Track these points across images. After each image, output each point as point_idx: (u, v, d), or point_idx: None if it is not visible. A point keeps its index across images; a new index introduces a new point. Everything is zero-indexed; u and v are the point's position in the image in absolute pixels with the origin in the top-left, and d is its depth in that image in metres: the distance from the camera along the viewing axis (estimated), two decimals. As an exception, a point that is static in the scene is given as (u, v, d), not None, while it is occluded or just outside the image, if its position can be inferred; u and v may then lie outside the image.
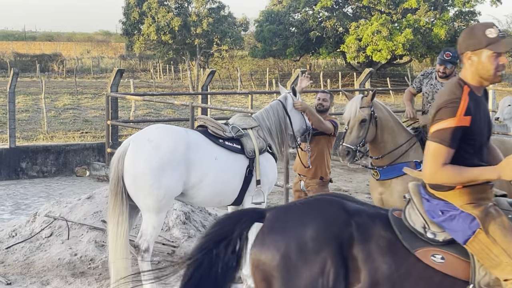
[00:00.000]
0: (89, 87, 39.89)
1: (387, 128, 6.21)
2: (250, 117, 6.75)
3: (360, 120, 6.07)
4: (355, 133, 6.07)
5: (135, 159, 5.95)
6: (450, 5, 42.61)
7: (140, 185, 5.91)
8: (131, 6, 44.04)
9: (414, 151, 6.32)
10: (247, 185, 6.43)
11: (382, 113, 6.23)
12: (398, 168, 6.15)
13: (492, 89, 18.40)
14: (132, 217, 6.30)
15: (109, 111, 13.24)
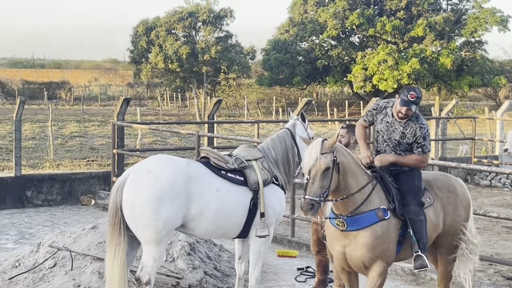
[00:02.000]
0: (96, 115, 40.01)
1: (350, 172, 5.68)
2: (255, 148, 6.67)
3: (324, 169, 5.45)
4: (318, 183, 5.43)
5: (134, 190, 5.91)
6: (457, 35, 42.73)
7: (139, 217, 5.85)
8: (139, 35, 44.32)
9: (377, 195, 5.82)
10: (252, 218, 6.33)
11: (344, 157, 5.66)
12: (366, 217, 5.71)
13: (500, 119, 18.34)
14: (134, 248, 6.23)
15: (115, 139, 13.20)
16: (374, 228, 5.70)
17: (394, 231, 5.84)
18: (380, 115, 6.08)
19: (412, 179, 6.01)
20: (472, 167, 9.26)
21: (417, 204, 5.89)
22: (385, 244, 5.77)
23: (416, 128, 5.94)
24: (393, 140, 6.04)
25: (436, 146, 17.34)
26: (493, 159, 17.48)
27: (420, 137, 5.95)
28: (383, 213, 5.75)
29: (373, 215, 5.72)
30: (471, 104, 50.27)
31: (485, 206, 13.40)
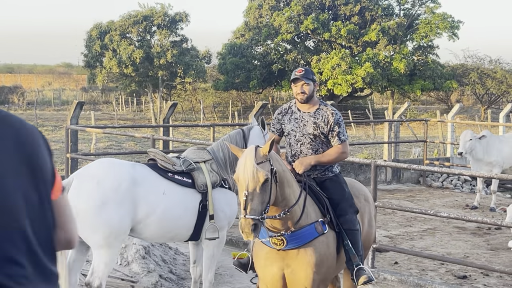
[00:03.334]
0: (50, 120, 39.45)
1: (286, 181, 4.90)
2: (204, 150, 6.64)
3: (263, 182, 4.61)
4: (259, 199, 4.59)
5: (78, 196, 5.85)
6: (409, 39, 43.36)
7: (84, 223, 5.79)
8: (92, 39, 43.83)
9: (312, 207, 5.16)
10: (202, 220, 6.31)
11: (279, 165, 4.89)
12: (307, 232, 4.99)
13: (451, 122, 18.70)
14: (82, 253, 6.16)
15: (68, 143, 13.07)
16: (316, 244, 5.01)
17: (333, 245, 5.19)
18: (287, 116, 5.56)
19: (342, 185, 5.47)
20: (423, 168, 9.42)
21: (354, 212, 5.41)
22: (328, 261, 5.10)
23: (327, 114, 5.40)
24: (307, 136, 5.42)
25: (389, 148, 17.59)
26: (445, 161, 17.80)
27: (334, 124, 5.37)
28: (322, 226, 5.09)
29: (312, 229, 5.01)
30: (424, 108, 51.05)
31: (437, 207, 13.64)
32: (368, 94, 46.06)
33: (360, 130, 35.72)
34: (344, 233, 5.26)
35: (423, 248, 10.20)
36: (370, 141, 27.75)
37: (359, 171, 16.49)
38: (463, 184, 16.80)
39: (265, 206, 4.64)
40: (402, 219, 12.44)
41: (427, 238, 10.96)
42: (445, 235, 11.23)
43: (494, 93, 46.26)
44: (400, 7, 44.41)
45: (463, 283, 8.37)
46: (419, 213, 10.28)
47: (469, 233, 11.42)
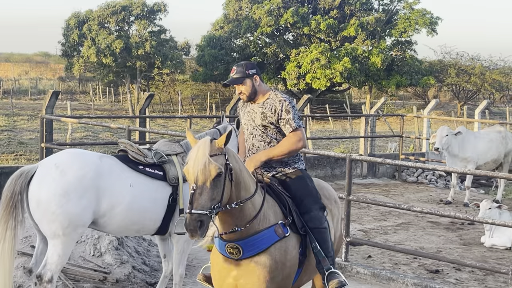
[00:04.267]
0: (26, 109, 39.08)
1: (242, 182, 4.49)
2: (177, 142, 6.58)
3: (215, 176, 4.24)
4: (208, 194, 4.22)
5: (40, 184, 5.80)
6: (387, 35, 43.50)
7: (44, 211, 5.75)
8: (70, 28, 43.53)
9: (271, 209, 4.70)
10: (171, 214, 6.24)
11: (236, 163, 4.49)
12: (264, 236, 4.55)
13: (427, 117, 18.80)
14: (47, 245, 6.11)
15: (43, 133, 12.95)
16: (273, 250, 4.55)
17: (295, 250, 4.73)
18: (243, 109, 5.30)
19: (304, 181, 5.06)
20: (398, 163, 9.47)
21: (319, 208, 4.96)
22: (287, 269, 4.64)
23: (274, 102, 5.04)
24: (257, 128, 5.10)
25: (365, 143, 17.66)
26: (420, 156, 17.91)
27: (282, 111, 4.98)
28: (283, 229, 4.64)
29: (271, 233, 4.57)
30: (401, 103, 51.34)
31: (411, 202, 13.72)
32: (346, 88, 46.19)
33: (338, 124, 35.84)
34: (311, 233, 4.84)
35: (397, 242, 10.26)
36: (347, 135, 27.86)
37: (335, 165, 16.54)
38: (437, 179, 16.92)
39: (216, 204, 4.23)
40: (376, 213, 12.50)
41: (400, 233, 11.02)
42: (419, 230, 11.31)
43: (471, 89, 46.62)
44: (379, 2, 44.59)
45: (435, 277, 8.44)
46: (393, 208, 10.33)
47: (442, 228, 11.51)
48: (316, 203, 4.98)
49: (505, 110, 37.00)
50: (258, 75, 5.18)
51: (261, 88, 5.18)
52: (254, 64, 5.24)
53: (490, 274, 8.57)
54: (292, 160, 5.16)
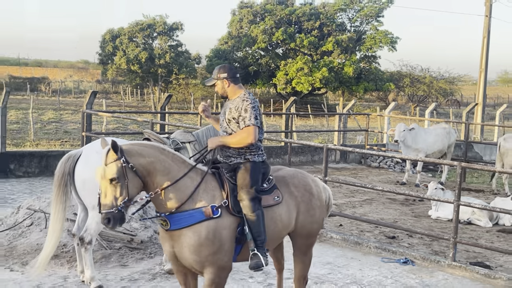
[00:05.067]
0: (70, 105, 38.90)
1: (158, 171, 4.36)
2: (190, 133, 6.56)
3: (111, 181, 4.19)
4: (111, 196, 4.19)
5: (84, 166, 5.86)
6: (357, 50, 43.43)
7: (88, 189, 5.79)
8: (106, 41, 43.46)
9: (208, 192, 4.50)
10: None
11: (144, 158, 4.35)
12: (190, 215, 4.38)
13: (387, 116, 18.80)
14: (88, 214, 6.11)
15: (84, 124, 12.93)
16: (198, 228, 4.36)
17: (227, 230, 4.47)
18: (225, 103, 5.04)
19: (247, 172, 4.68)
20: (364, 152, 9.45)
21: (251, 198, 4.53)
22: (214, 246, 4.40)
23: (240, 101, 4.75)
24: (225, 121, 4.85)
25: (338, 135, 17.65)
26: (382, 147, 17.92)
27: (242, 110, 4.70)
28: (212, 211, 4.43)
29: (199, 213, 4.39)
30: (367, 104, 51.27)
31: (374, 182, 13.74)
32: (324, 92, 46.09)
33: (317, 121, 35.81)
34: (244, 218, 4.54)
35: (362, 214, 10.28)
36: (324, 129, 27.84)
37: (314, 153, 16.54)
38: (395, 165, 16.95)
39: (123, 200, 4.18)
40: (347, 191, 12.51)
41: (365, 206, 11.04)
42: (380, 205, 11.33)
43: (422, 94, 46.67)
44: (351, 24, 44.39)
45: (392, 242, 8.46)
46: (360, 187, 10.37)
47: (398, 204, 11.54)
48: (248, 193, 4.53)
49: (449, 111, 37.01)
50: (229, 78, 4.80)
51: (232, 89, 4.82)
52: (228, 68, 4.87)
53: (435, 240, 8.61)
54: (245, 151, 4.76)
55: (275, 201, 4.80)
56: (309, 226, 5.03)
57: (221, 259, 4.44)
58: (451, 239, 7.43)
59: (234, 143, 4.70)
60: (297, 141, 12.91)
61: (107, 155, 4.25)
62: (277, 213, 4.79)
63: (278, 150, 15.75)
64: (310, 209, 5.03)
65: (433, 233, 8.30)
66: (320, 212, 5.12)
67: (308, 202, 5.02)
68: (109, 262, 6.88)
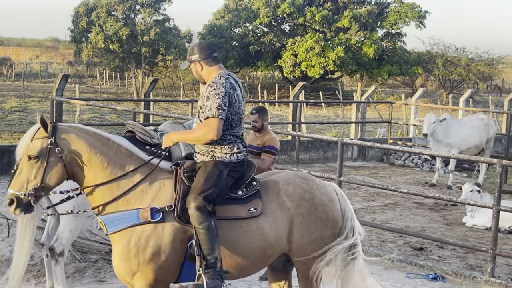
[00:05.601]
0: (37, 91, 38.96)
1: (95, 165, 4.38)
2: (180, 124, 6.55)
3: (28, 158, 4.23)
4: (25, 175, 4.22)
5: None
6: (379, 26, 43.38)
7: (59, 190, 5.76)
8: (79, 15, 43.36)
9: (154, 192, 4.43)
10: None
11: (75, 145, 4.34)
12: (124, 217, 4.34)
13: (414, 104, 18.80)
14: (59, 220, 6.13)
15: (53, 114, 12.94)
16: (130, 231, 4.31)
17: (169, 240, 4.34)
18: None
19: (204, 174, 4.47)
20: (387, 147, 9.48)
21: (196, 207, 4.30)
22: (146, 255, 4.30)
23: (208, 86, 4.60)
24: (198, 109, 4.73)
25: (356, 128, 17.66)
26: (407, 141, 17.94)
27: (205, 97, 4.53)
28: (151, 214, 4.32)
29: (134, 215, 4.32)
30: (390, 91, 51.28)
31: (398, 184, 13.76)
32: (338, 76, 46.10)
33: (330, 110, 35.83)
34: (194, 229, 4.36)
35: (384, 221, 10.30)
36: (339, 121, 27.86)
37: (327, 148, 16.55)
38: (423, 163, 16.95)
39: (35, 185, 4.22)
40: (365, 194, 12.53)
41: (388, 212, 11.06)
42: (405, 210, 11.35)
43: (456, 79, 46.60)
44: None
45: (419, 254, 8.49)
46: (381, 189, 10.37)
47: (427, 209, 11.56)
48: (194, 201, 4.32)
49: (488, 99, 37.00)
50: (202, 60, 4.67)
51: (207, 73, 4.68)
52: (199, 48, 4.71)
53: (471, 252, 8.62)
54: (214, 148, 4.59)
55: (249, 213, 4.51)
56: (309, 246, 4.65)
57: (155, 273, 4.34)
58: (490, 251, 7.45)
59: (192, 140, 4.60)
60: (307, 134, 12.91)
61: (38, 131, 4.30)
62: (253, 227, 4.51)
63: (284, 145, 15.76)
64: (310, 224, 4.66)
65: (468, 244, 8.31)
66: (325, 229, 4.70)
67: (306, 215, 4.65)
68: (83, 277, 6.91)
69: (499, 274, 7.71)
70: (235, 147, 4.62)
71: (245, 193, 4.58)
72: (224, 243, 4.45)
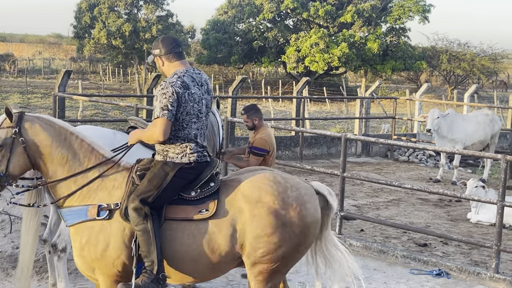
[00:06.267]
0: (40, 87, 39.01)
1: (56, 158, 4.47)
2: None
3: None
4: None
5: None
6: (382, 21, 43.29)
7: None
8: (82, 11, 43.44)
9: (107, 188, 4.48)
10: None
11: (36, 136, 4.44)
12: (75, 212, 4.45)
13: (418, 100, 18.77)
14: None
15: (56, 110, 12.96)
16: (82, 228, 4.42)
17: (118, 238, 4.37)
18: None
19: (149, 175, 4.47)
20: (391, 143, 9.47)
21: (133, 208, 4.30)
22: (97, 252, 4.38)
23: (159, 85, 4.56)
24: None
25: (360, 123, 17.65)
26: (412, 137, 17.91)
27: (155, 97, 4.51)
28: (97, 211, 4.39)
29: (84, 211, 4.42)
30: (395, 87, 51.20)
31: (402, 180, 13.74)
32: (342, 72, 46.04)
33: (334, 106, 35.80)
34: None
35: (388, 217, 10.29)
36: (343, 116, 27.84)
37: (331, 144, 16.54)
38: (427, 159, 16.93)
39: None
40: (369, 190, 12.53)
41: (392, 208, 11.06)
42: (409, 206, 11.34)
43: (461, 74, 46.51)
44: (376, -10, 44.26)
45: (424, 251, 8.48)
46: (385, 185, 10.36)
47: (431, 205, 11.55)
48: (132, 201, 4.34)
49: (493, 95, 36.92)
50: (162, 56, 4.62)
51: (167, 69, 4.64)
52: (161, 42, 4.66)
53: (475, 248, 8.62)
54: (167, 148, 4.54)
55: (200, 215, 4.39)
56: (263, 250, 4.37)
57: (110, 270, 4.39)
58: (494, 247, 7.44)
59: (145, 139, 4.58)
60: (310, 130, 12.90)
61: (4, 120, 4.43)
62: (202, 230, 4.38)
63: (287, 141, 15.75)
64: (265, 227, 4.36)
65: (473, 240, 8.30)
66: (289, 235, 4.39)
67: (262, 219, 4.36)
68: (86, 274, 6.91)
69: (504, 270, 7.70)
70: (188, 148, 4.52)
71: (198, 194, 4.47)
72: (171, 244, 4.39)
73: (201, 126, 4.60)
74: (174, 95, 4.38)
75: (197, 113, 4.53)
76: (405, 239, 9.05)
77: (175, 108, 4.39)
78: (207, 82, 4.66)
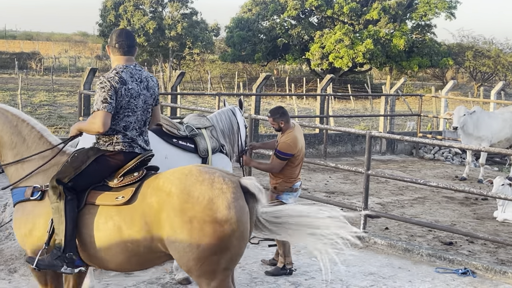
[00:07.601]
0: (65, 85, 39.41)
1: (6, 143, 4.83)
2: (205, 117, 6.61)
3: None
4: None
5: None
6: (408, 18, 43.03)
7: None
8: (107, 9, 43.77)
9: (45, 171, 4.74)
10: None
11: None
12: (17, 193, 4.75)
13: (444, 97, 18.62)
14: None
15: (81, 107, 13.08)
16: (18, 207, 4.73)
17: (43, 217, 4.60)
18: None
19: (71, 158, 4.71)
20: (416, 140, 9.40)
21: (52, 186, 4.51)
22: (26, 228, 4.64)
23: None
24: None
25: (384, 121, 17.56)
26: (437, 135, 17.78)
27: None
28: (32, 192, 4.65)
29: (22, 192, 4.70)
30: (420, 84, 50.83)
31: (428, 177, 13.65)
32: (367, 69, 45.85)
33: (359, 104, 35.66)
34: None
35: (413, 215, 10.24)
36: (367, 114, 27.71)
37: (355, 142, 16.48)
38: (453, 157, 16.80)
39: None
40: (394, 188, 12.47)
41: (417, 206, 10.99)
42: (434, 204, 11.27)
43: (487, 71, 46.05)
44: (401, -13, 43.97)
45: (449, 249, 8.42)
46: (410, 182, 10.30)
47: (457, 203, 11.46)
48: (51, 181, 4.55)
49: (520, 92, 36.46)
50: (109, 46, 4.74)
51: (112, 60, 4.77)
52: (111, 35, 4.75)
53: (502, 247, 8.53)
54: (100, 137, 4.67)
55: (116, 201, 4.40)
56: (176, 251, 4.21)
57: (36, 246, 4.58)
58: (521, 245, 7.35)
59: (85, 131, 4.70)
60: (335, 127, 12.87)
61: None
62: (116, 218, 4.37)
63: (311, 138, 15.72)
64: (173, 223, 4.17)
65: (499, 239, 8.21)
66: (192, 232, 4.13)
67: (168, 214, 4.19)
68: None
69: (531, 269, 7.60)
70: (115, 137, 4.64)
71: (120, 182, 4.53)
72: (88, 228, 4.46)
73: (135, 120, 4.69)
74: (112, 89, 4.50)
75: (133, 108, 4.64)
76: (430, 237, 8.99)
77: (115, 101, 4.53)
78: (147, 80, 4.76)
